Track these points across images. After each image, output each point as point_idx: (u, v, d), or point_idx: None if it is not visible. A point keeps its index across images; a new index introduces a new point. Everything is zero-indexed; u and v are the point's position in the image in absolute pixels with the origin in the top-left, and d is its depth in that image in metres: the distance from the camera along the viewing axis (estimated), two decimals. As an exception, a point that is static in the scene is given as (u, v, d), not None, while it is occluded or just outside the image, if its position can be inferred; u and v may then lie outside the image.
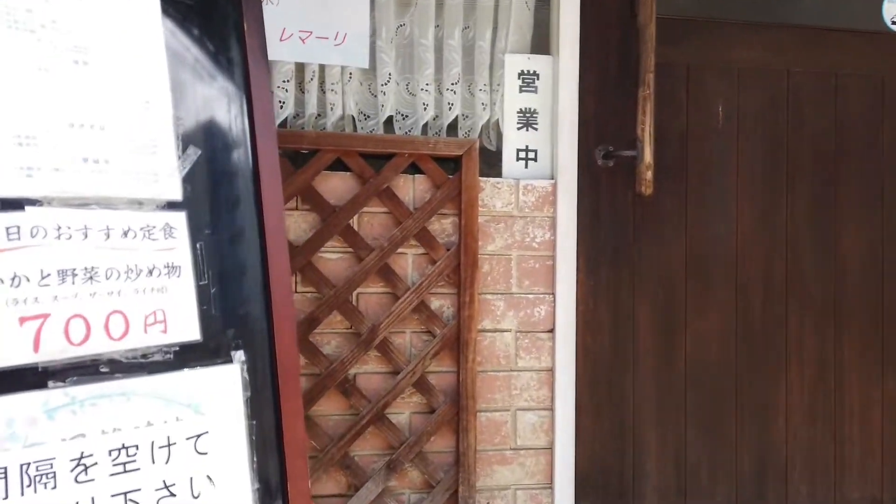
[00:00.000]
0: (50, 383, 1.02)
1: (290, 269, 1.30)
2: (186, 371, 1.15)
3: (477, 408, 1.89)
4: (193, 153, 1.23)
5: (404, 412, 1.90)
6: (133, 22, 1.20)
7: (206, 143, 1.25)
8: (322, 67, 1.92)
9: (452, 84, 1.97)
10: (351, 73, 1.94)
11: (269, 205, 1.29)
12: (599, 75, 2.00)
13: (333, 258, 1.87)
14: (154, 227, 1.16)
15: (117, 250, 1.11)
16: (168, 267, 1.16)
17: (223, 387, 1.19)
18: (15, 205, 1.03)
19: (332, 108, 1.93)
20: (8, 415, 0.98)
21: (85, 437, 1.04)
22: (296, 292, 1.84)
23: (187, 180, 1.21)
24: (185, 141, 1.22)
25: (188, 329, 1.17)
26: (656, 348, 2.03)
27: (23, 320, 1.01)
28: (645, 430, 2.02)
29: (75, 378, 1.04)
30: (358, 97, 1.97)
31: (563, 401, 1.94)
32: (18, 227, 1.02)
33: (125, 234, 1.13)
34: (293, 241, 1.83)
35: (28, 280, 1.02)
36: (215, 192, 1.25)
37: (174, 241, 1.17)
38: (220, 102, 1.29)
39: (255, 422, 1.22)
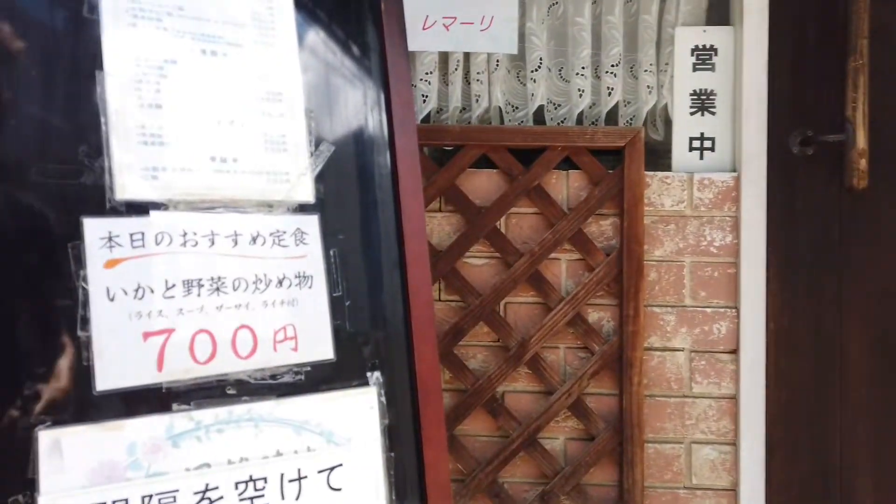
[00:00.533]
0: (174, 406, 0.92)
1: (431, 279, 1.14)
2: (319, 394, 1.02)
3: (644, 438, 1.63)
4: (327, 150, 1.10)
5: (558, 437, 1.68)
6: (263, 6, 1.09)
7: (340, 138, 1.12)
8: (467, 56, 1.77)
9: (612, 66, 1.73)
10: (498, 61, 1.77)
11: (409, 206, 1.14)
12: (794, 46, 1.67)
13: (479, 264, 1.70)
14: (284, 232, 1.04)
15: (245, 258, 1.00)
16: (299, 277, 1.04)
17: (359, 413, 1.05)
18: (139, 209, 0.94)
19: (477, 100, 1.77)
20: (131, 440, 0.89)
21: (210, 467, 0.93)
22: (439, 300, 1.70)
23: (320, 180, 1.08)
24: (318, 136, 1.10)
25: (321, 347, 1.04)
26: (873, 376, 1.66)
27: (146, 335, 0.92)
28: (857, 478, 1.66)
29: (200, 401, 0.94)
30: (505, 87, 1.80)
31: (750, 435, 1.63)
32: (143, 234, 0.94)
33: (254, 240, 1.01)
34: (436, 246, 1.68)
35: (152, 291, 0.93)
36: (350, 192, 1.12)
37: (306, 248, 1.05)
38: (355, 94, 1.15)
39: (393, 454, 1.06)
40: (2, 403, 0.84)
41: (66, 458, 0.85)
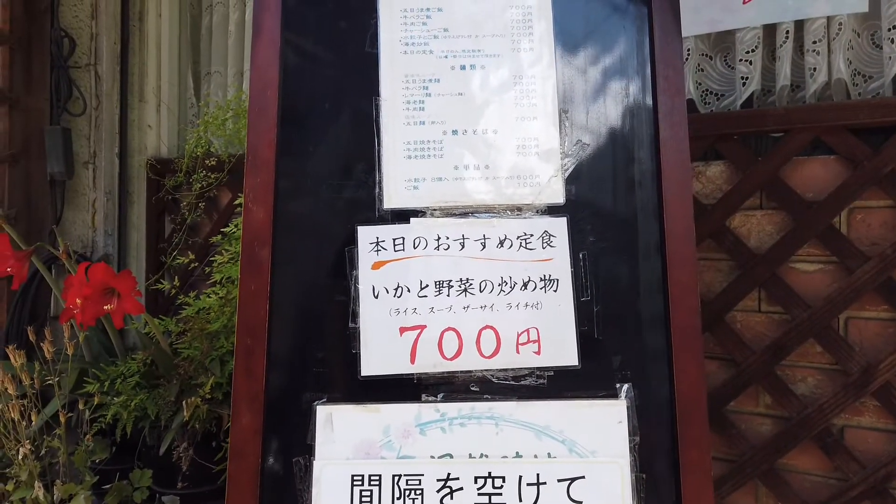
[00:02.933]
0: (423, 396, 1.00)
1: (697, 285, 1.01)
2: (561, 401, 0.99)
3: None
4: (579, 149, 1.06)
5: (924, 493, 1.31)
6: (520, 13, 1.11)
7: (595, 136, 1.07)
8: (799, 25, 1.51)
9: None
10: (841, 24, 1.46)
11: (673, 206, 1.02)
12: None
13: (809, 270, 1.43)
14: (531, 235, 1.04)
15: (492, 261, 1.03)
16: (544, 280, 1.02)
17: (605, 426, 0.98)
18: (401, 216, 1.05)
19: (812, 75, 1.49)
20: (386, 422, 1.00)
21: (452, 458, 0.99)
22: (758, 311, 1.48)
23: (571, 180, 1.05)
24: (572, 136, 1.07)
25: (564, 352, 1.00)
26: None
27: (402, 330, 1.02)
28: None
29: (444, 394, 1.00)
30: (851, 54, 1.47)
31: None
32: (403, 239, 1.04)
33: (501, 243, 1.04)
34: (754, 249, 1.47)
35: (408, 291, 1.03)
36: (604, 192, 1.06)
37: (552, 251, 1.03)
38: (615, 87, 1.09)
39: (645, 476, 0.97)
40: (297, 380, 1.03)
41: (336, 431, 0.99)
